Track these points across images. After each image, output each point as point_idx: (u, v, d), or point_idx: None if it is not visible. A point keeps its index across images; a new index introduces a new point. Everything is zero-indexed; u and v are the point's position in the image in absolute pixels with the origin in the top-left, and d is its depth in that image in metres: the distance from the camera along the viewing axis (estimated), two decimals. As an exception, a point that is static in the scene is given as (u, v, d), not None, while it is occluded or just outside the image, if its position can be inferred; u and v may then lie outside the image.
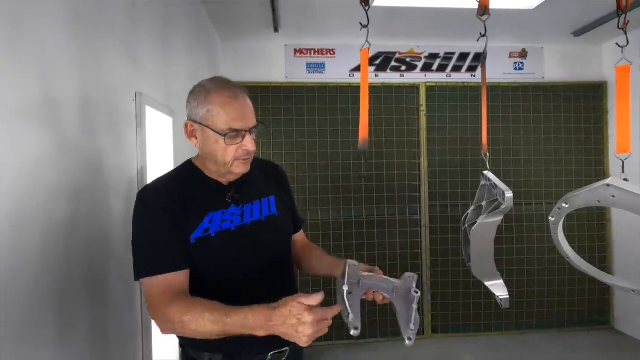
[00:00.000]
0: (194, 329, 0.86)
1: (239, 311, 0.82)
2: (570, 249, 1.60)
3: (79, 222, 1.07)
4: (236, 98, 0.96)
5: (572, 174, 3.39)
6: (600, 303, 3.39)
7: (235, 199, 1.04)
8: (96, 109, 1.19)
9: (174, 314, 0.87)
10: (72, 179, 1.05)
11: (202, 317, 0.85)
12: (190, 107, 0.99)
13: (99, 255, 1.17)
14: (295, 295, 0.80)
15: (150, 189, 1.01)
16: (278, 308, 0.79)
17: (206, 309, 0.86)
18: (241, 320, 0.81)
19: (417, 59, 3.36)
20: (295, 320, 0.77)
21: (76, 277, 1.05)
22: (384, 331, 3.18)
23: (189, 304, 0.89)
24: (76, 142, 1.08)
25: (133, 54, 1.47)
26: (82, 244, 1.08)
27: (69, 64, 1.05)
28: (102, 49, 1.23)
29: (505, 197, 1.02)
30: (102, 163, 1.21)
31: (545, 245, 3.32)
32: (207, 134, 0.97)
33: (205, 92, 0.97)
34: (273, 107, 3.22)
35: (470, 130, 3.33)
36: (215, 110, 0.95)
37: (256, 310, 0.81)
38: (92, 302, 1.13)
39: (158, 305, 0.90)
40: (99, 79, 1.21)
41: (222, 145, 0.96)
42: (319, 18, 2.88)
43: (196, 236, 0.97)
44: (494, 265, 1.20)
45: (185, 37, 2.22)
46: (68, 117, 1.04)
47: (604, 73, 3.44)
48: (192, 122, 0.99)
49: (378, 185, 3.27)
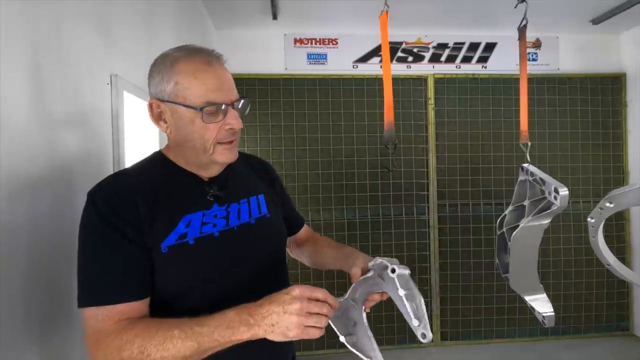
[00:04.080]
0: (161, 356, 0.65)
1: (213, 316, 0.67)
2: (611, 255, 1.40)
3: (38, 221, 0.87)
4: (210, 64, 0.77)
5: (589, 171, 3.20)
6: (619, 308, 3.20)
7: (219, 197, 0.84)
8: (55, 91, 0.98)
9: (128, 346, 0.65)
10: (25, 175, 0.85)
11: (169, 337, 0.65)
12: (154, 83, 0.79)
13: (62, 259, 0.97)
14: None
15: (106, 188, 0.77)
16: (264, 300, 0.68)
17: (172, 325, 0.67)
18: (218, 321, 0.66)
19: (424, 49, 3.16)
20: (280, 308, 0.66)
21: (35, 283, 0.85)
22: (390, 339, 3.00)
23: (146, 325, 0.68)
24: (30, 132, 0.87)
25: (107, 29, 1.26)
26: (42, 246, 0.88)
27: (18, 32, 0.85)
28: (65, 15, 1.02)
29: (559, 195, 0.82)
30: (64, 156, 1.01)
31: (560, 247, 3.14)
32: (179, 114, 0.76)
33: (171, 61, 0.77)
34: (272, 100, 3.02)
35: (481, 124, 3.14)
36: (186, 81, 0.75)
37: (237, 307, 0.68)
38: (53, 309, 0.93)
39: (104, 339, 0.67)
40: (59, 52, 1.00)
41: (200, 125, 0.75)
42: (321, 6, 2.68)
43: (169, 244, 0.75)
44: (537, 276, 1.00)
45: (174, 22, 2.02)
46: (16, 100, 0.84)
47: (622, 64, 3.24)
48: (158, 102, 0.78)
49: (384, 183, 3.08)
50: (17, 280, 0.83)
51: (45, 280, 0.91)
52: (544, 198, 0.91)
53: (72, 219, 1.02)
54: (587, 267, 3.13)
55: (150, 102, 0.79)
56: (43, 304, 0.90)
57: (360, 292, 0.82)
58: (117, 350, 0.66)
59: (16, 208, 0.82)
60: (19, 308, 0.83)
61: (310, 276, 2.96)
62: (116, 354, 0.66)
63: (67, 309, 0.99)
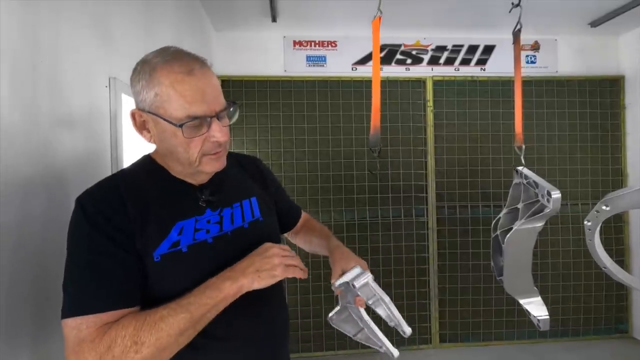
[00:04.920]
0: (156, 339, 0.63)
1: (196, 288, 0.71)
2: (607, 257, 1.41)
3: (30, 226, 0.87)
4: (190, 73, 0.71)
5: (587, 173, 3.20)
6: (618, 310, 3.20)
7: (211, 202, 0.82)
8: (53, 94, 0.99)
9: (118, 341, 0.63)
10: (21, 178, 0.86)
11: (159, 319, 0.65)
12: (135, 91, 0.75)
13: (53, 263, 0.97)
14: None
15: (95, 194, 0.75)
16: (242, 259, 0.75)
17: (159, 309, 0.67)
18: (202, 288, 0.70)
19: (423, 51, 3.17)
20: (261, 256, 0.73)
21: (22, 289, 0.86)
22: (389, 341, 2.99)
23: (132, 317, 0.66)
24: (28, 135, 0.88)
25: (105, 31, 1.27)
26: (33, 250, 0.89)
27: (16, 35, 0.86)
28: (63, 18, 1.03)
29: (551, 198, 0.82)
30: (62, 159, 1.02)
31: (559, 249, 3.14)
32: (161, 126, 0.73)
33: (150, 70, 0.72)
34: (271, 102, 3.03)
35: (479, 126, 3.14)
36: (165, 93, 0.71)
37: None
38: (41, 319, 0.93)
39: (87, 347, 0.63)
40: (57, 56, 1.01)
41: (182, 139, 0.72)
42: (320, 8, 2.69)
43: (161, 252, 0.73)
44: (531, 279, 1.01)
45: (173, 24, 2.03)
46: (13, 102, 0.85)
47: (621, 67, 3.25)
48: (140, 112, 0.75)
49: (382, 185, 3.08)
50: (6, 283, 0.83)
51: (37, 282, 0.92)
52: (538, 201, 0.91)
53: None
54: (586, 269, 3.13)
55: (132, 111, 0.77)
56: (34, 305, 0.91)
57: (348, 298, 0.86)
58: (107, 349, 0.63)
59: (9, 208, 0.83)
60: (10, 309, 0.83)
61: (320, 269, 2.96)
62: (107, 353, 0.63)
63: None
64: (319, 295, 2.99)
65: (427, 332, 3.09)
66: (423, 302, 3.10)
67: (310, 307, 2.98)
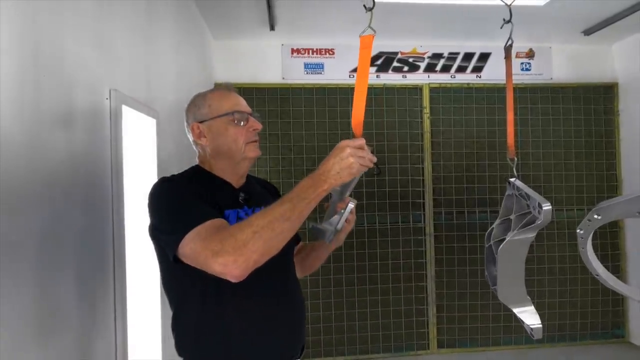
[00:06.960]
0: (269, 220, 0.81)
1: (297, 188, 0.86)
2: (600, 265, 1.42)
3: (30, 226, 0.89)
4: (231, 91, 1.09)
5: (582, 179, 3.24)
6: (615, 315, 3.22)
7: (247, 200, 1.07)
8: (54, 106, 1.01)
9: (236, 230, 0.82)
10: (22, 189, 0.87)
11: (267, 210, 0.83)
12: (192, 113, 1.06)
13: (54, 262, 0.99)
14: None
15: (171, 177, 1.02)
16: (322, 163, 0.86)
17: (267, 207, 0.85)
18: (299, 188, 0.85)
19: (420, 59, 3.21)
20: (338, 158, 0.84)
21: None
22: (387, 347, 3.01)
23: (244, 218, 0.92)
24: (28, 146, 0.90)
25: (106, 44, 1.29)
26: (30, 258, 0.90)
27: (17, 47, 0.88)
28: (64, 30, 1.05)
29: (542, 210, 0.85)
30: (62, 170, 1.04)
31: (556, 254, 3.16)
32: (215, 126, 1.03)
33: (202, 96, 1.07)
34: (269, 110, 3.05)
35: (476, 133, 3.18)
36: (216, 102, 1.04)
37: (305, 178, 0.87)
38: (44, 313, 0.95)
39: (214, 238, 0.83)
40: (58, 67, 1.03)
41: (233, 130, 1.02)
42: (318, 16, 2.72)
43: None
44: (524, 289, 1.03)
45: (173, 33, 2.05)
46: (13, 112, 0.87)
47: (614, 74, 3.29)
48: (198, 124, 1.04)
49: (380, 191, 3.10)
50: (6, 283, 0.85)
51: (37, 281, 0.93)
52: (529, 212, 0.94)
53: (67, 230, 1.05)
54: (582, 274, 3.15)
55: (192, 125, 1.05)
56: (34, 308, 0.93)
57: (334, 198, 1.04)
58: (230, 236, 0.81)
59: (16, 220, 0.85)
60: (11, 310, 0.85)
61: (317, 275, 2.98)
62: (230, 239, 0.81)
63: (59, 314, 1.01)
64: (329, 301, 2.99)
65: (425, 337, 3.10)
66: (421, 307, 3.11)
67: (320, 313, 2.99)
